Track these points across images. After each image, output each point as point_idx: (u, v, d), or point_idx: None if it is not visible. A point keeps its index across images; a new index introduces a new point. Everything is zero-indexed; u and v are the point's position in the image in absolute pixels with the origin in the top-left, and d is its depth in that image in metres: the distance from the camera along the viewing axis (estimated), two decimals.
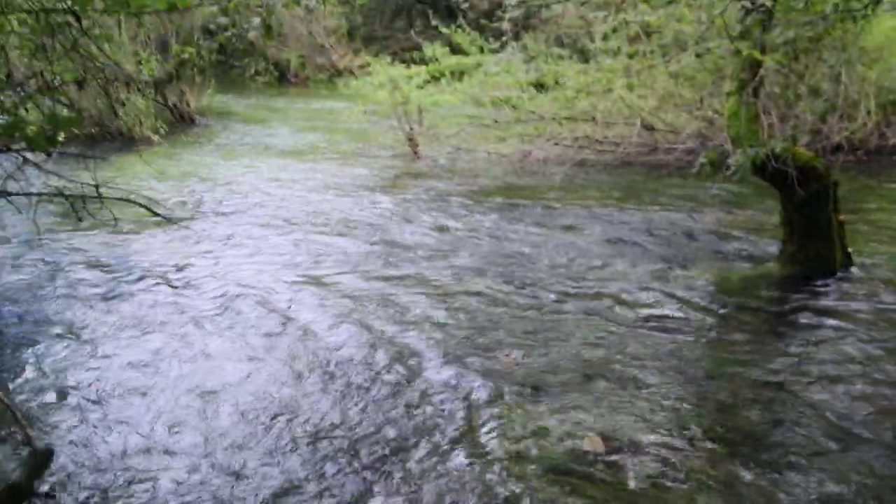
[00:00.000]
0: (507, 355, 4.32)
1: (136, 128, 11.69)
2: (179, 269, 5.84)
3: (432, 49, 16.05)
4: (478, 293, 5.36)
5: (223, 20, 3.22)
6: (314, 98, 18.85)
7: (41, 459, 3.24)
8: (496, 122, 10.64)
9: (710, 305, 5.19)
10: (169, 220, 3.47)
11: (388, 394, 3.91)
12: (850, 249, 5.70)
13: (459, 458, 3.32)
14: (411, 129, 11.27)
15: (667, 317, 4.96)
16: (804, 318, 4.94)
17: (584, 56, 13.34)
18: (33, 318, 4.86)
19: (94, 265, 5.89)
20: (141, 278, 5.63)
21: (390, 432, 3.53)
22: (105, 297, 5.24)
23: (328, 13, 22.70)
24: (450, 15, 19.96)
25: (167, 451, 3.39)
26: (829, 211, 5.45)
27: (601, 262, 6.05)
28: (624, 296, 5.30)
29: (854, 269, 5.61)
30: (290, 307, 5.10)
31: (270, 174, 9.69)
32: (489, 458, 3.31)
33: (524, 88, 11.54)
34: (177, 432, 3.55)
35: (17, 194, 3.05)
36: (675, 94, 9.66)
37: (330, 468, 3.25)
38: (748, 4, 4.70)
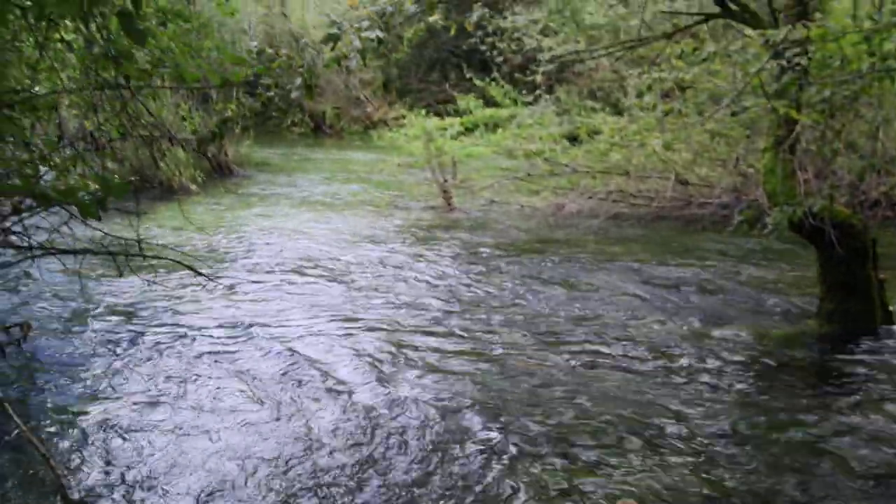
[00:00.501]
0: (527, 360, 4.27)
1: (175, 178, 11.90)
2: (215, 320, 5.89)
3: (466, 101, 16.28)
4: (511, 347, 5.34)
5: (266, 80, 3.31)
6: (349, 149, 19.11)
7: None
8: (529, 175, 10.70)
9: (747, 363, 5.12)
10: (208, 278, 3.51)
11: (419, 449, 3.88)
12: (890, 307, 5.61)
13: None
14: (445, 180, 11.37)
15: (703, 374, 4.90)
16: (844, 378, 4.85)
17: (617, 109, 13.44)
18: (71, 369, 4.91)
19: (131, 315, 5.96)
20: (176, 329, 5.68)
21: (421, 490, 3.50)
22: (143, 348, 5.29)
23: (364, 65, 23.08)
24: (483, 68, 20.20)
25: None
26: (868, 268, 5.39)
27: (635, 318, 6.00)
28: (659, 352, 5.25)
29: (895, 328, 5.52)
30: (320, 359, 5.10)
31: (306, 225, 9.79)
32: None
33: (557, 141, 11.63)
34: (211, 491, 3.54)
35: (65, 252, 3.12)
36: (709, 148, 9.66)
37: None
38: (784, 63, 4.71)
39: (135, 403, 4.43)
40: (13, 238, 3.54)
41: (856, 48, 4.38)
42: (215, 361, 5.07)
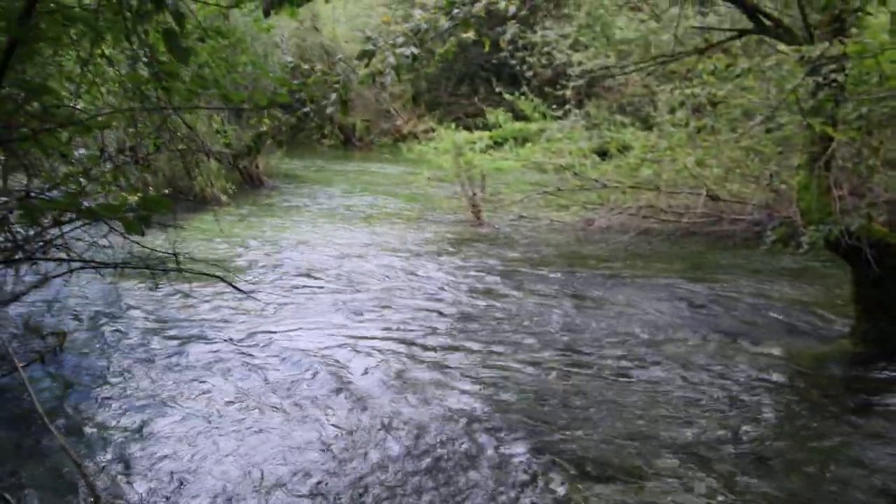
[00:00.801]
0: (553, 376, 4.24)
1: (208, 189, 12.01)
2: (246, 331, 5.93)
3: (495, 115, 16.28)
4: (538, 363, 5.31)
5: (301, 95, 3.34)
6: (378, 162, 19.20)
7: None
8: (559, 189, 10.68)
9: (779, 383, 5.06)
10: (241, 291, 3.54)
11: (445, 466, 3.87)
12: None
13: None
14: (474, 194, 11.38)
15: (734, 393, 4.85)
16: (879, 399, 4.78)
17: (647, 124, 13.37)
18: (104, 377, 4.96)
19: (163, 325, 6.02)
20: (208, 339, 5.72)
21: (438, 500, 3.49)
22: (175, 357, 5.33)
23: (394, 78, 23.20)
24: (513, 82, 20.21)
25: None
26: None
27: (665, 335, 5.96)
28: (689, 370, 5.20)
29: None
30: (349, 373, 5.12)
31: (335, 237, 9.84)
32: None
33: (587, 155, 11.60)
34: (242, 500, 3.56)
35: (105, 265, 3.16)
36: (741, 164, 9.58)
37: None
38: (820, 79, 4.67)
39: (165, 412, 4.47)
40: (54, 251, 3.59)
41: (894, 65, 4.33)
42: (246, 371, 5.10)
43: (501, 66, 22.26)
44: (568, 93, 13.83)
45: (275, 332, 5.89)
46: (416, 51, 3.47)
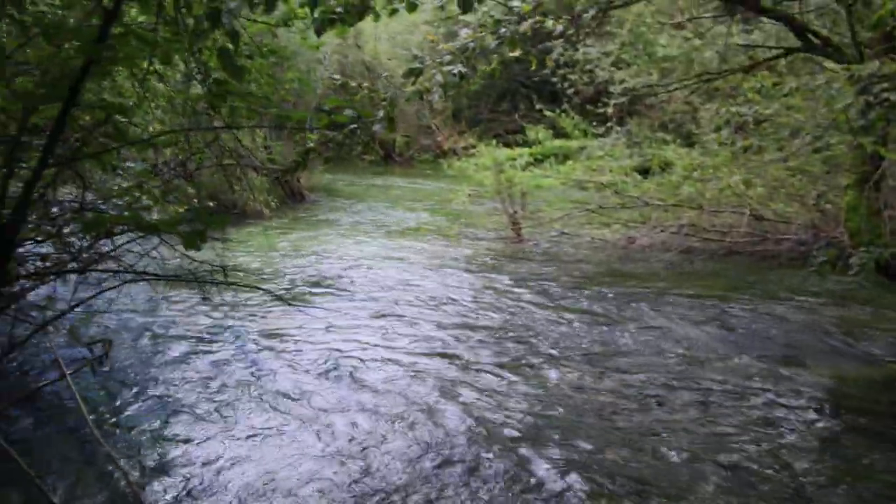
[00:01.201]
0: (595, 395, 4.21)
1: (250, 203, 12.15)
2: (286, 341, 5.98)
3: (536, 132, 16.29)
4: (579, 383, 5.27)
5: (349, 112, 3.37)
6: (418, 177, 19.29)
7: None
8: (601, 207, 10.64)
9: (824, 406, 4.95)
10: (290, 305, 3.58)
11: (474, 478, 3.85)
12: None
13: None
14: (515, 211, 11.37)
15: (780, 416, 4.75)
16: None
17: (689, 141, 13.26)
18: (149, 386, 5.03)
19: (208, 335, 6.09)
20: (249, 349, 5.78)
21: None
22: (219, 367, 5.39)
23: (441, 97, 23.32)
24: (554, 99, 20.21)
25: None
26: None
27: (708, 355, 5.88)
28: (733, 392, 5.12)
29: None
30: (386, 384, 5.13)
31: (376, 252, 9.89)
32: None
33: (629, 173, 11.55)
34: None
35: (157, 277, 3.22)
36: (786, 183, 9.47)
37: None
38: (871, 98, 4.59)
39: (206, 418, 4.52)
40: (106, 262, 3.67)
41: None
42: (286, 381, 5.14)
43: (542, 84, 22.28)
44: (609, 110, 13.79)
45: (314, 344, 5.94)
46: (463, 69, 3.49)
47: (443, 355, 5.81)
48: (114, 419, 4.55)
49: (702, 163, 9.34)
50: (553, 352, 5.92)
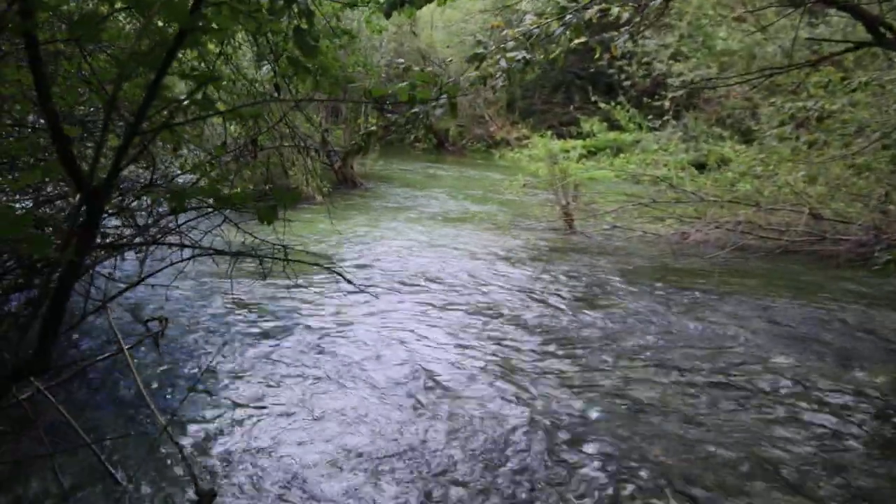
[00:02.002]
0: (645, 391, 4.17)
1: (304, 187, 12.30)
2: (339, 321, 6.05)
3: (590, 124, 16.15)
4: (628, 377, 5.23)
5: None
6: (470, 167, 19.28)
7: (206, 499, 3.38)
8: (655, 201, 10.53)
9: (882, 409, 4.85)
10: (351, 283, 3.61)
11: (522, 467, 3.86)
12: None
13: None
14: (567, 203, 11.31)
15: (831, 419, 4.65)
16: None
17: (746, 137, 13.04)
18: (203, 363, 5.13)
19: (266, 315, 6.19)
20: (302, 328, 5.86)
21: None
22: (275, 347, 5.48)
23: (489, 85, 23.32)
24: (609, 91, 20.04)
25: (325, 499, 3.47)
26: None
27: (762, 355, 5.78)
28: (784, 392, 5.04)
29: None
30: (436, 369, 5.16)
31: (427, 239, 9.93)
32: None
33: (685, 167, 11.41)
34: (335, 482, 3.63)
35: (222, 253, 3.28)
36: (847, 182, 9.27)
37: None
38: None
39: (263, 399, 4.60)
40: (171, 238, 3.75)
41: None
42: (338, 359, 5.22)
43: (597, 75, 22.10)
44: (666, 103, 13.60)
45: (366, 325, 6.02)
46: (528, 55, 3.48)
47: (488, 341, 5.82)
48: (168, 391, 4.66)
49: (762, 159, 9.17)
50: (602, 345, 5.89)
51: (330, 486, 3.65)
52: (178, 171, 2.92)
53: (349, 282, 3.50)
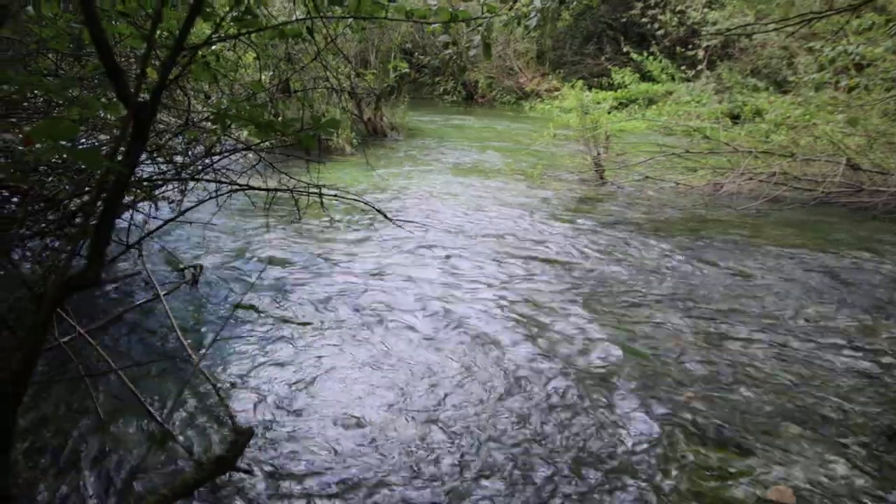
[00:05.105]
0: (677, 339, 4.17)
1: (333, 138, 12.27)
2: (371, 267, 6.09)
3: (622, 75, 15.95)
4: (659, 326, 5.22)
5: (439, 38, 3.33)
6: (500, 119, 19.12)
7: (243, 437, 3.44)
8: (687, 151, 10.40)
9: None
10: (389, 219, 3.62)
11: (565, 418, 3.88)
12: None
13: (637, 490, 3.24)
14: (598, 153, 11.20)
15: (869, 369, 4.62)
16: None
17: (782, 88, 12.79)
18: (238, 309, 5.19)
19: (294, 260, 6.25)
20: (335, 273, 5.91)
21: (566, 456, 3.50)
22: (303, 290, 5.54)
23: (519, 37, 23.06)
24: (641, 42, 19.71)
25: (359, 434, 3.52)
26: None
27: (796, 306, 5.74)
28: (822, 344, 5.00)
29: None
30: (466, 316, 5.18)
31: (458, 190, 9.90)
32: (667, 494, 3.21)
33: (719, 118, 11.25)
34: (369, 424, 3.68)
35: (259, 189, 3.30)
36: (886, 132, 9.08)
37: (504, 483, 3.26)
38: None
39: (292, 339, 4.66)
40: (206, 176, 3.77)
41: None
42: (371, 304, 5.26)
43: (630, 25, 21.74)
44: (700, 53, 13.36)
45: (398, 273, 6.05)
46: None
47: (520, 290, 5.83)
48: (205, 336, 4.73)
49: (799, 103, 8.98)
50: (634, 295, 5.87)
51: (364, 426, 3.71)
52: (213, 112, 2.92)
53: (386, 216, 3.51)
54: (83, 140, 4.45)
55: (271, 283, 5.76)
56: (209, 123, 3.49)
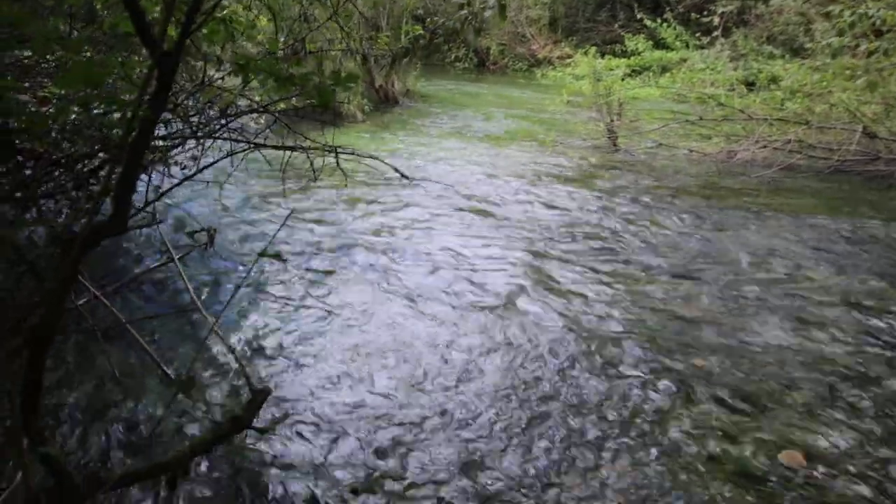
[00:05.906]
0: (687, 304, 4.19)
1: (345, 105, 12.23)
2: (385, 234, 6.12)
3: (635, 42, 15.79)
4: (671, 291, 5.23)
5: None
6: (512, 86, 19.00)
7: (259, 397, 3.47)
8: (701, 119, 10.32)
9: None
10: (409, 179, 3.63)
11: (577, 382, 3.91)
12: None
13: (649, 454, 3.26)
14: (611, 120, 11.13)
15: (879, 337, 4.61)
16: None
17: (798, 55, 12.63)
18: (251, 272, 5.23)
19: (308, 224, 6.27)
20: (349, 238, 5.94)
21: (580, 421, 3.53)
22: (318, 255, 5.57)
23: (531, 2, 22.83)
24: (655, 8, 19.49)
25: (369, 395, 3.56)
26: None
27: (809, 272, 5.72)
28: (833, 308, 4.99)
29: None
30: (479, 280, 5.22)
31: (469, 156, 9.88)
32: (679, 458, 3.24)
33: (734, 86, 11.14)
34: (383, 384, 3.72)
35: (275, 147, 3.31)
36: None
37: (518, 450, 3.30)
38: None
39: (307, 303, 4.69)
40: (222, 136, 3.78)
41: None
42: (385, 270, 5.29)
43: None
44: (715, 20, 13.22)
45: (414, 231, 6.13)
46: None
47: (532, 255, 5.84)
48: (219, 299, 4.77)
49: (816, 68, 8.86)
50: (646, 261, 5.87)
51: (377, 382, 3.75)
52: (229, 68, 2.91)
53: (402, 174, 3.51)
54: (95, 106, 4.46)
55: (281, 246, 5.78)
56: (225, 81, 3.48)
